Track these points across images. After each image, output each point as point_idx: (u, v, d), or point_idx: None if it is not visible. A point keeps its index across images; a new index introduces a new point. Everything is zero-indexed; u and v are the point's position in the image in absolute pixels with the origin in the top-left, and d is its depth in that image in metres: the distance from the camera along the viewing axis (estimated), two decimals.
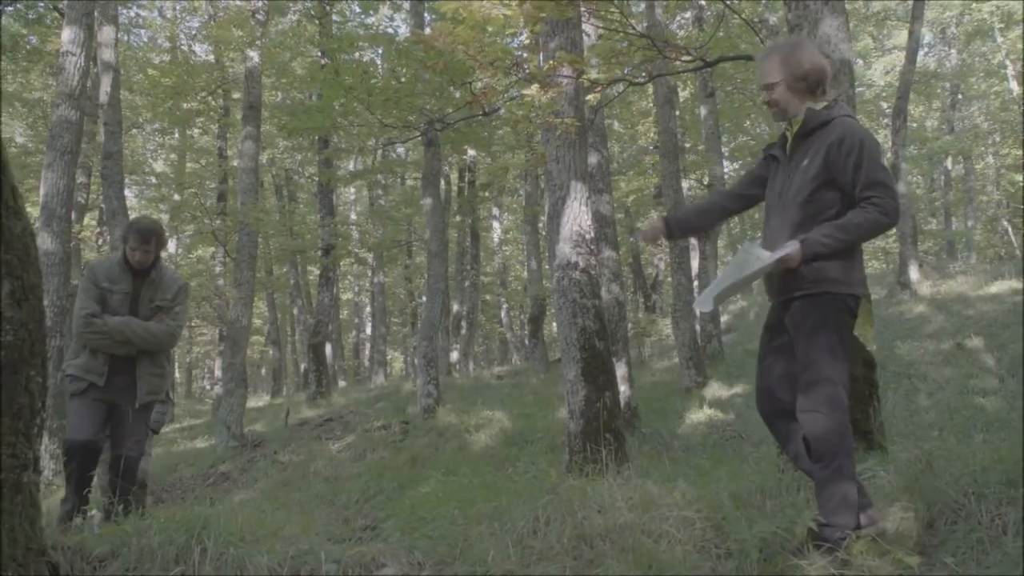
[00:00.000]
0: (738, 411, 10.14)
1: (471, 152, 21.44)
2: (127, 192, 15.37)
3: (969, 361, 9.92)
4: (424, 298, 18.18)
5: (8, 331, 2.57)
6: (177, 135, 24.05)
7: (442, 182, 20.73)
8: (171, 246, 25.36)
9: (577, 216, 6.67)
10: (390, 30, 24.28)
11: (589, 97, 6.89)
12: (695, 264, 15.45)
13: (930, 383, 9.33)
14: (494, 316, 33.35)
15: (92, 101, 13.99)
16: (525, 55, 7.14)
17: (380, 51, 17.78)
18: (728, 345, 15.45)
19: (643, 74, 7.32)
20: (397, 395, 16.73)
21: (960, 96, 28.06)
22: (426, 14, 15.00)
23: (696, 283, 14.95)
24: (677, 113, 15.65)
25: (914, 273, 15.84)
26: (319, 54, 18.03)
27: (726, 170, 22.97)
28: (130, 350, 4.50)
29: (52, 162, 9.21)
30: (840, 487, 2.81)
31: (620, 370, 9.21)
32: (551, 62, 6.47)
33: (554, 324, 24.00)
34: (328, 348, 21.53)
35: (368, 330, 32.73)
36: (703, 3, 15.34)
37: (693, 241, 15.63)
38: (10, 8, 16.11)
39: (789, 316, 3.01)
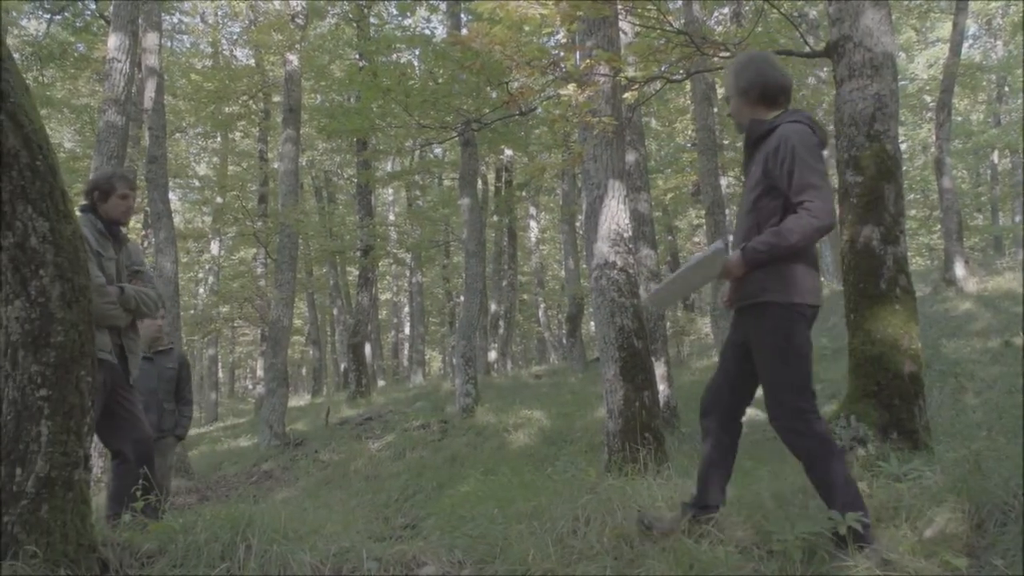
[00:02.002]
0: None
1: (508, 152, 21.46)
2: (171, 195, 15.66)
3: (1018, 359, 9.66)
4: (462, 298, 18.25)
5: (59, 332, 2.63)
6: (219, 139, 24.46)
7: (479, 182, 20.77)
8: (214, 248, 25.78)
9: (615, 215, 6.64)
10: (427, 31, 24.42)
11: (626, 95, 6.85)
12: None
13: (977, 382, 9.12)
14: (532, 315, 33.33)
15: (137, 106, 14.27)
16: (562, 54, 7.12)
17: (417, 52, 17.86)
18: None
19: (681, 71, 7.25)
20: (436, 394, 16.81)
21: (1007, 89, 27.40)
22: (462, 15, 15.05)
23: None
24: (715, 110, 15.50)
25: (960, 269, 15.48)
26: (357, 56, 18.19)
27: None
28: (124, 321, 4.15)
29: (99, 166, 9.41)
30: (840, 488, 2.83)
31: (659, 369, 9.16)
32: (588, 61, 6.44)
33: (592, 323, 23.93)
34: (367, 348, 21.71)
35: (407, 330, 32.94)
36: None
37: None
38: (58, 16, 16.51)
39: (744, 326, 3.08)
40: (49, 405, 2.62)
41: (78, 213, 3.83)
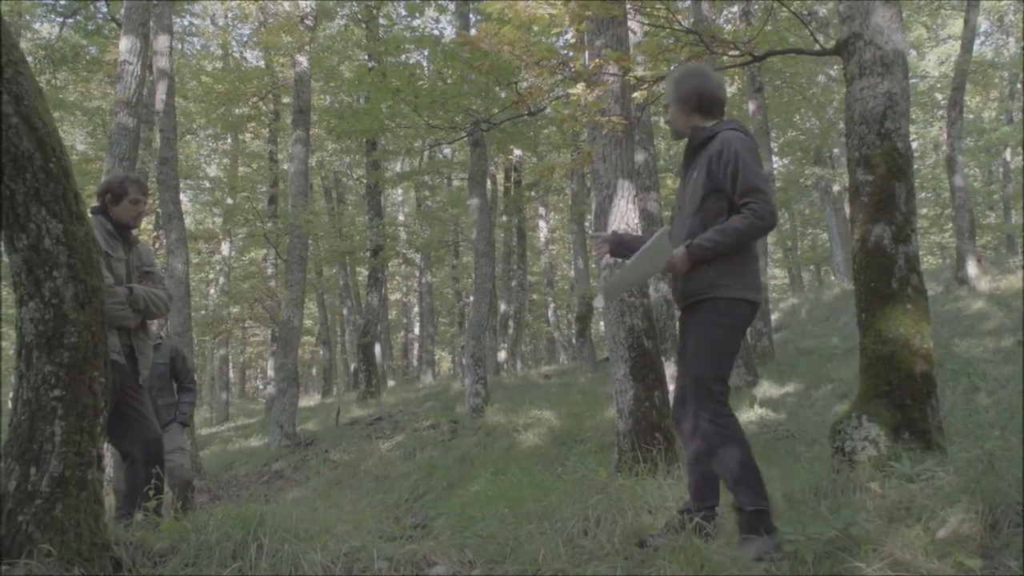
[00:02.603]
0: (790, 410, 9.98)
1: (517, 152, 21.46)
2: (182, 196, 15.74)
3: None
4: (471, 298, 18.27)
5: (73, 333, 2.65)
6: (229, 140, 24.54)
7: (488, 182, 20.77)
8: (225, 248, 25.88)
9: (624, 214, 6.64)
10: (436, 32, 24.44)
11: (635, 94, 6.85)
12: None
13: (990, 381, 9.06)
14: (541, 315, 33.33)
15: (148, 108, 14.33)
16: (571, 54, 7.12)
17: (426, 53, 17.89)
18: (779, 343, 15.22)
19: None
20: (445, 394, 16.83)
21: (1019, 86, 27.20)
22: (471, 15, 15.07)
23: None
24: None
25: (972, 268, 15.39)
26: (366, 57, 18.24)
27: (775, 166, 22.61)
28: (134, 321, 4.17)
29: (111, 168, 9.45)
30: (733, 472, 3.00)
31: (669, 369, 9.12)
32: (597, 60, 6.44)
33: (601, 323, 23.87)
34: (377, 348, 21.75)
35: (416, 330, 32.97)
36: None
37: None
38: (71, 20, 16.62)
39: (689, 318, 3.24)
40: (63, 405, 2.64)
41: (88, 214, 3.86)
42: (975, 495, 2.98)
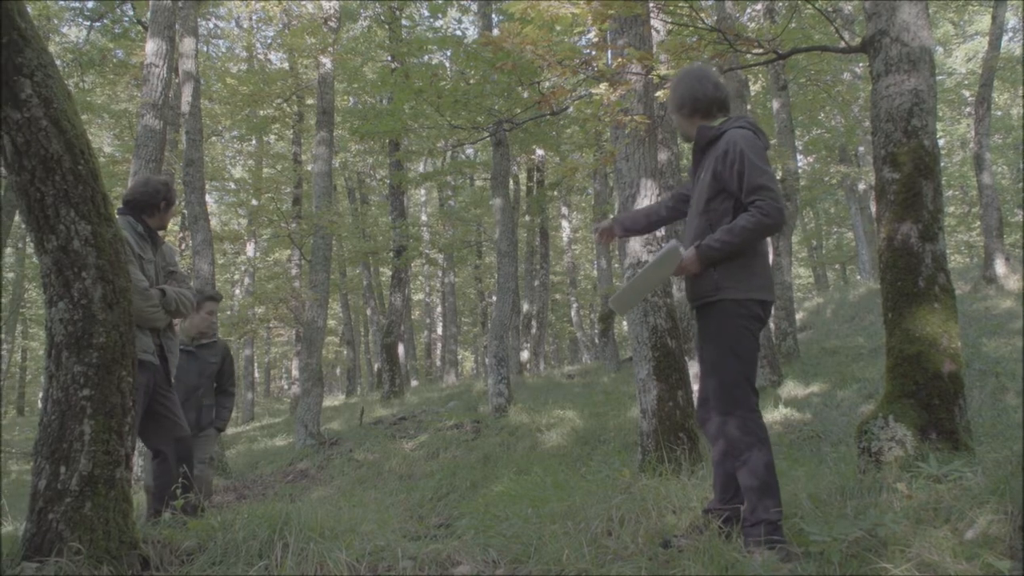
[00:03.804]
0: (815, 410, 9.89)
1: (540, 152, 21.46)
2: (207, 198, 15.88)
3: None
4: (494, 298, 18.28)
5: (101, 333, 2.69)
6: (254, 142, 24.75)
7: (511, 182, 20.78)
8: (250, 249, 26.10)
9: None
10: (458, 32, 24.49)
11: (659, 93, 6.82)
12: (768, 260, 15.12)
13: (1019, 381, 8.93)
14: (564, 315, 33.33)
15: (174, 110, 14.51)
16: (593, 53, 7.10)
17: (449, 54, 17.97)
18: (804, 343, 15.09)
19: (713, 68, 7.20)
20: (469, 394, 16.86)
21: None
22: (494, 15, 15.07)
23: None
24: (748, 107, 15.34)
25: (1000, 267, 15.19)
26: (389, 58, 18.31)
27: (800, 164, 22.42)
28: (164, 322, 4.25)
29: (138, 170, 9.57)
30: (755, 479, 2.98)
31: (693, 369, 9.08)
32: (620, 59, 6.42)
33: (625, 323, 23.81)
34: (401, 348, 21.84)
35: (439, 330, 33.09)
36: None
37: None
38: (98, 23, 16.84)
39: (700, 322, 3.25)
40: (92, 405, 2.67)
41: (117, 216, 3.94)
42: (1004, 496, 2.94)
